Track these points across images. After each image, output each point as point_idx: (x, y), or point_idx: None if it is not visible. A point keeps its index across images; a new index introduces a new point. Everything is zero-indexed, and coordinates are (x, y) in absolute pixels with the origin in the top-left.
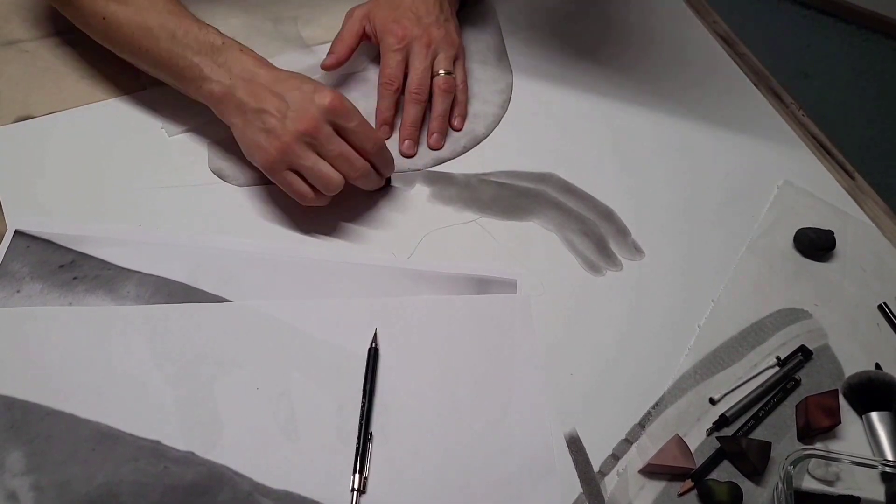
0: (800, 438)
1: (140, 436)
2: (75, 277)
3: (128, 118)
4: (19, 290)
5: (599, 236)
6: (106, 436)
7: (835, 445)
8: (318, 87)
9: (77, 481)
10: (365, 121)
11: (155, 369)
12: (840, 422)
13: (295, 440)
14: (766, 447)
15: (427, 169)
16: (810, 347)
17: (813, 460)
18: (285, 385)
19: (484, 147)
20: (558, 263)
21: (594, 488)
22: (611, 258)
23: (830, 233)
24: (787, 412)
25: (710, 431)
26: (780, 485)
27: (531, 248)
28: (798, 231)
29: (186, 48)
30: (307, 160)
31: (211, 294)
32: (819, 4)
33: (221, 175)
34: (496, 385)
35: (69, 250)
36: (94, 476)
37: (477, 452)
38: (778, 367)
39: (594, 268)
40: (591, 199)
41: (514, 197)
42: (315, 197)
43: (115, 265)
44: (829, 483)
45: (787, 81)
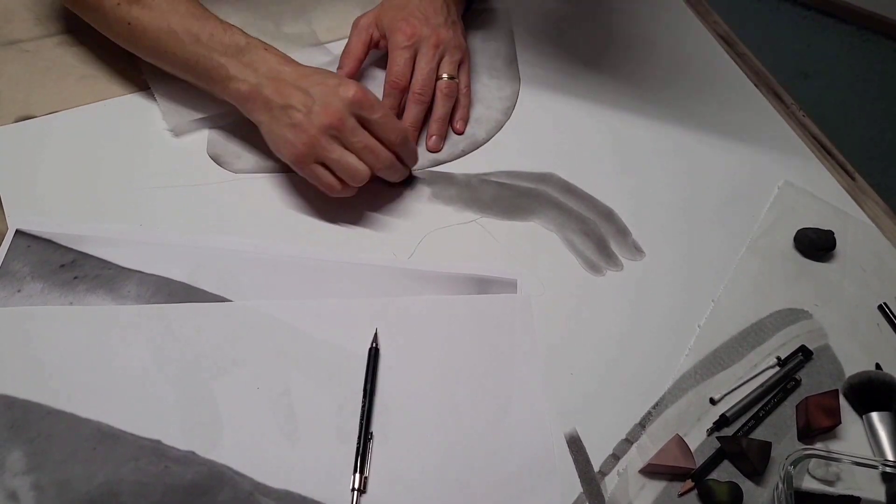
0: (800, 438)
1: (140, 435)
2: (76, 277)
3: (128, 118)
4: (20, 290)
5: (600, 236)
6: (106, 435)
7: (835, 445)
8: (342, 80)
9: (77, 481)
10: (389, 112)
11: (155, 369)
12: (840, 422)
13: (295, 440)
14: (766, 447)
15: (424, 170)
16: (810, 347)
17: (813, 460)
18: (286, 385)
19: (484, 147)
20: (559, 263)
21: (594, 488)
22: (611, 258)
23: (830, 233)
24: (787, 412)
25: (711, 431)
26: (781, 485)
27: (532, 248)
28: (798, 231)
29: (212, 50)
30: (334, 152)
31: (211, 294)
32: (819, 5)
33: (219, 161)
34: (496, 385)
35: (70, 250)
36: (95, 475)
37: (477, 452)
38: (778, 367)
39: (595, 268)
40: (591, 199)
41: (514, 197)
42: (342, 188)
43: (115, 265)
44: (830, 483)
45: (787, 82)
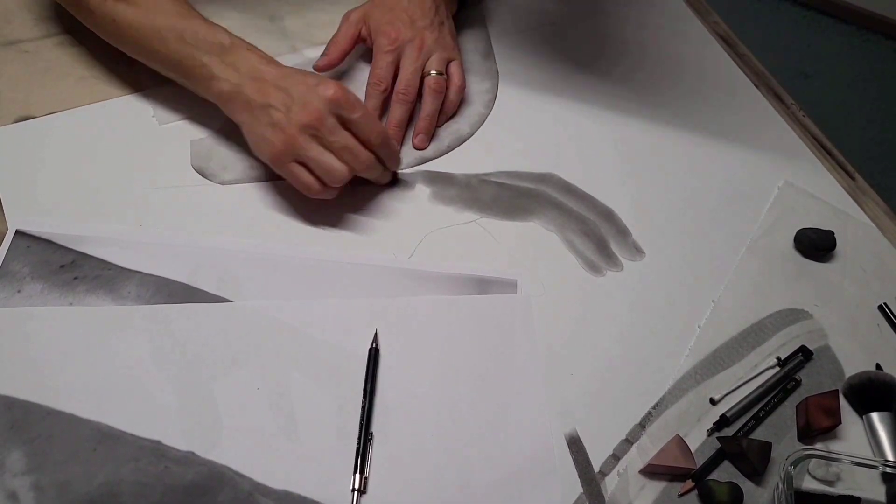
0: (800, 439)
1: (140, 436)
2: (76, 277)
3: (128, 118)
4: (20, 290)
5: (600, 236)
6: (106, 436)
7: (835, 446)
8: (321, 79)
9: (77, 481)
10: (369, 112)
11: (155, 369)
12: (840, 422)
13: (295, 440)
14: (766, 447)
15: (410, 168)
16: (811, 348)
17: (813, 461)
18: (286, 385)
19: (484, 147)
20: (559, 264)
21: (595, 488)
22: (611, 258)
23: (831, 233)
24: (787, 412)
25: (711, 432)
26: (781, 485)
27: (532, 248)
28: (798, 231)
29: (195, 49)
30: (312, 151)
31: (211, 294)
32: (819, 5)
33: (204, 173)
34: (496, 385)
35: (70, 250)
36: (95, 476)
37: (477, 452)
38: (778, 368)
39: (595, 268)
40: (591, 199)
41: (514, 197)
42: (321, 189)
43: (115, 265)
44: (830, 483)
45: (787, 82)
